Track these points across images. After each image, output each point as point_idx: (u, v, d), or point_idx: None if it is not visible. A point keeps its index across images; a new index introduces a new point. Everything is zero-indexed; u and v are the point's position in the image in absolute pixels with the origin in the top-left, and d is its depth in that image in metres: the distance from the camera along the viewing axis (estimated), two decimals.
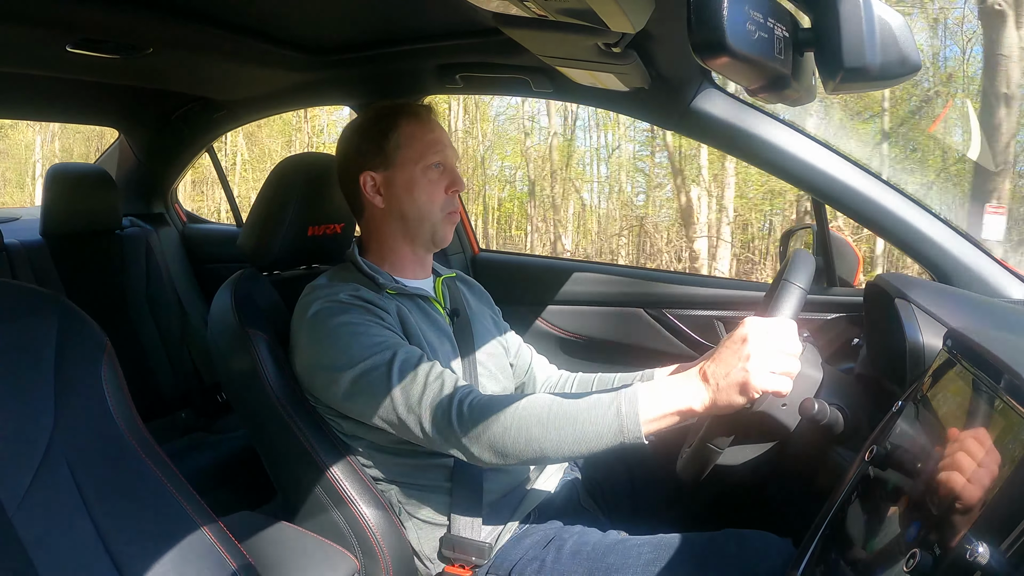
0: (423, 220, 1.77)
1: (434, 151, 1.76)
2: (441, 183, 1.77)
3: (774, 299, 1.46)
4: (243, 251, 1.95)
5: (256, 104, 2.89)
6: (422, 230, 1.79)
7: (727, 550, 1.51)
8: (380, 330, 1.60)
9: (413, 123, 1.78)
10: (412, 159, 1.75)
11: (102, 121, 3.64)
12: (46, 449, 1.17)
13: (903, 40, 0.99)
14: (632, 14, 1.17)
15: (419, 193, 1.75)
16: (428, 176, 1.76)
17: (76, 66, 2.16)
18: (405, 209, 1.77)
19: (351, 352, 1.57)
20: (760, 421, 1.58)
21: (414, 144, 1.76)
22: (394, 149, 1.76)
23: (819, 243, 2.24)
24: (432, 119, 1.82)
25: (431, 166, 1.76)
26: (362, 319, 1.60)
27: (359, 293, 1.66)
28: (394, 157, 1.76)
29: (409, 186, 1.75)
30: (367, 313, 1.62)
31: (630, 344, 2.63)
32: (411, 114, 1.80)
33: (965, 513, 0.91)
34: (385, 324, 1.62)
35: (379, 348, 1.56)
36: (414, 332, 1.68)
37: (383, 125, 1.79)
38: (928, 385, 1.29)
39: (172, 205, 3.82)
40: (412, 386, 1.51)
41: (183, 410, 3.24)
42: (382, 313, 1.64)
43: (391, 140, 1.76)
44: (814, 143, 1.87)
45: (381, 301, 1.67)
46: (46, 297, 1.29)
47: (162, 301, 3.32)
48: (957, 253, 1.82)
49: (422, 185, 1.75)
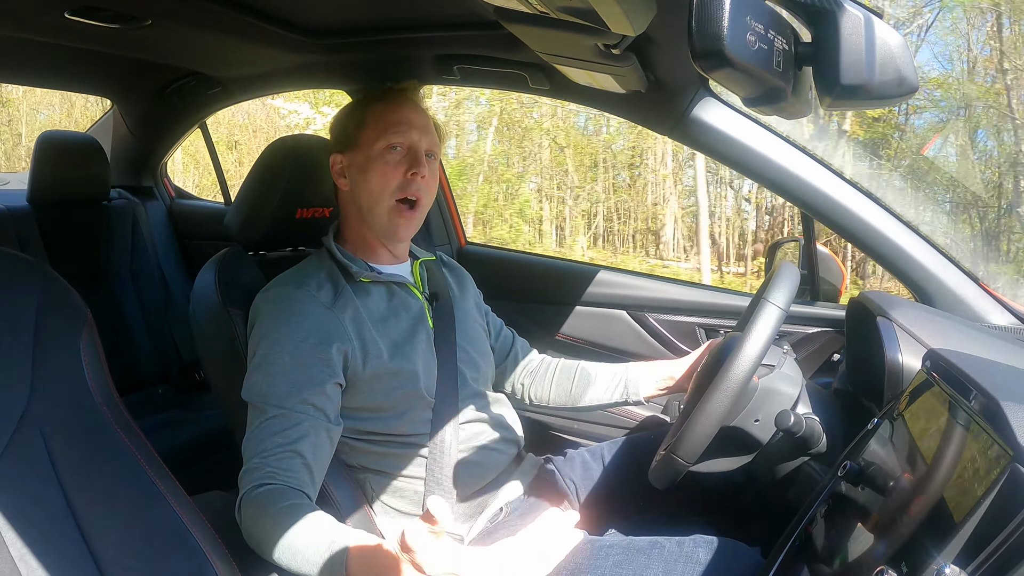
0: (374, 205, 1.71)
1: (396, 131, 1.70)
2: (400, 166, 1.69)
3: (751, 318, 1.46)
4: (230, 230, 1.94)
5: (252, 83, 2.88)
6: (373, 216, 1.73)
7: (696, 556, 1.51)
8: (284, 367, 1.56)
9: (382, 104, 1.75)
10: (372, 139, 1.70)
11: (96, 90, 3.62)
12: (20, 418, 1.16)
13: (901, 60, 1.00)
14: (633, 17, 1.17)
15: (372, 174, 1.69)
16: (385, 157, 1.69)
17: (73, 33, 2.15)
18: (360, 192, 1.72)
19: (248, 377, 1.59)
20: (733, 436, 1.59)
21: (375, 124, 1.71)
22: (357, 130, 1.73)
23: (806, 256, 2.25)
24: (404, 99, 1.77)
25: (390, 147, 1.69)
26: (282, 349, 1.57)
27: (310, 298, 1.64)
28: (356, 138, 1.73)
29: (365, 166, 1.70)
30: (299, 334, 1.59)
31: (610, 346, 2.64)
32: (383, 96, 1.77)
33: (935, 533, 0.92)
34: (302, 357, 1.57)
35: (270, 395, 1.54)
36: (370, 337, 1.66)
37: (353, 107, 1.78)
38: (905, 404, 1.29)
39: (161, 179, 3.81)
40: (254, 443, 1.50)
41: (160, 386, 3.23)
42: (316, 331, 1.60)
43: (355, 121, 1.74)
44: (807, 157, 1.88)
45: (333, 308, 1.64)
46: (28, 264, 1.28)
47: (145, 275, 3.31)
48: (941, 275, 1.83)
49: (377, 166, 1.69)
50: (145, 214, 3.45)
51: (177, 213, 3.73)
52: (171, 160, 3.94)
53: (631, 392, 1.97)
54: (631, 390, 1.97)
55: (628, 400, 1.99)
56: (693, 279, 11.55)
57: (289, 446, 1.47)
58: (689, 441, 1.45)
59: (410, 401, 1.69)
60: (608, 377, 2.02)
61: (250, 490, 1.43)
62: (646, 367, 2.00)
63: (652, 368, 1.99)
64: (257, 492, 1.42)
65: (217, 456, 2.75)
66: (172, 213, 3.72)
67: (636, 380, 1.97)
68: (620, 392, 1.99)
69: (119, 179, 3.59)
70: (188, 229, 3.69)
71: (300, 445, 1.48)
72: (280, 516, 1.36)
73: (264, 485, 1.43)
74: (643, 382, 1.97)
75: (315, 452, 1.51)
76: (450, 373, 1.77)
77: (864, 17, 0.98)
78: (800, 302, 2.25)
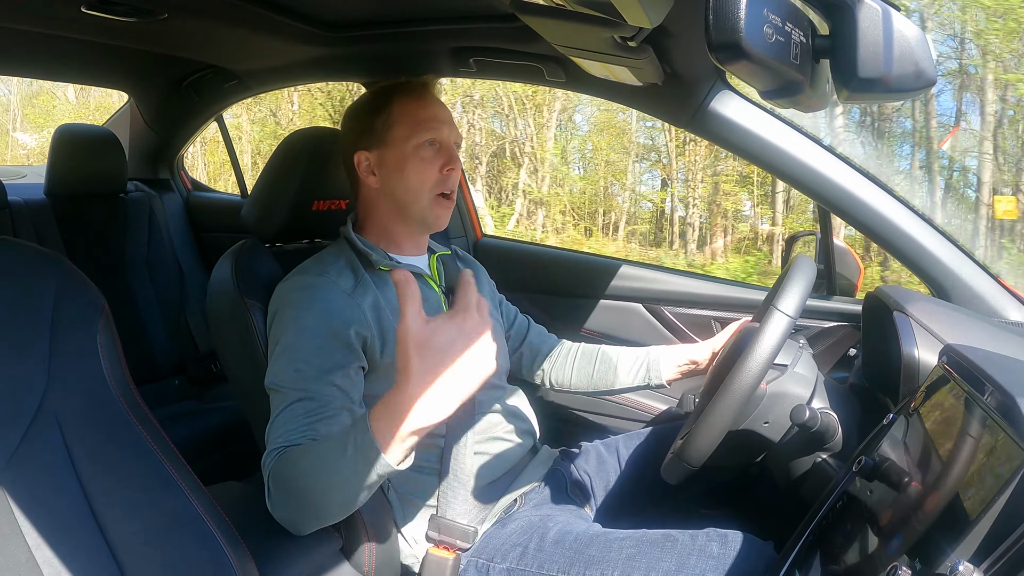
0: (413, 201, 1.73)
1: (428, 128, 1.71)
2: (435, 162, 1.72)
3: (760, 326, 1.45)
4: (247, 222, 1.95)
5: (268, 76, 2.89)
6: (412, 211, 1.74)
7: (709, 550, 1.51)
8: (308, 353, 1.55)
9: (407, 100, 1.75)
10: (404, 137, 1.71)
11: (113, 84, 3.63)
12: (38, 408, 1.17)
13: (920, 53, 0.99)
14: (650, 9, 1.16)
15: (410, 172, 1.71)
16: (420, 154, 1.71)
17: (90, 27, 2.16)
18: (395, 189, 1.73)
19: (272, 364, 1.58)
20: (743, 438, 1.59)
21: (406, 121, 1.72)
22: (386, 127, 1.73)
23: (822, 250, 2.24)
24: (429, 95, 1.78)
25: (424, 143, 1.71)
26: (305, 336, 1.57)
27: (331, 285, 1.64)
28: (386, 136, 1.73)
29: (400, 165, 1.71)
30: (321, 321, 1.58)
31: (625, 338, 2.63)
32: (406, 91, 1.77)
33: (949, 530, 0.92)
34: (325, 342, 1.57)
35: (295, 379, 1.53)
36: (388, 325, 1.66)
37: (377, 103, 1.76)
38: (921, 400, 1.29)
39: (178, 172, 3.83)
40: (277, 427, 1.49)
41: (176, 377, 3.24)
42: (338, 318, 1.59)
43: (383, 118, 1.73)
44: (824, 151, 1.87)
45: (353, 294, 1.64)
46: (46, 256, 1.28)
47: (162, 267, 3.32)
48: (958, 270, 1.82)
49: (413, 163, 1.70)
50: (162, 206, 3.46)
51: (194, 205, 3.75)
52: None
53: (653, 376, 1.98)
54: (653, 374, 1.98)
55: (650, 384, 1.99)
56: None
57: (313, 426, 1.47)
58: (695, 447, 1.45)
59: None
60: (630, 361, 2.02)
61: (270, 465, 1.42)
62: (668, 351, 2.00)
63: (674, 352, 1.99)
64: (279, 459, 1.42)
65: (233, 447, 2.77)
66: (189, 205, 3.74)
67: (658, 364, 1.97)
68: (642, 376, 1.99)
69: (136, 172, 3.61)
70: (204, 221, 3.71)
71: (324, 424, 1.48)
72: (304, 451, 1.38)
73: (283, 453, 1.42)
74: (665, 366, 1.97)
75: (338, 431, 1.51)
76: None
77: (882, 9, 0.98)
78: (817, 296, 2.24)
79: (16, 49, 2.64)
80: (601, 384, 2.05)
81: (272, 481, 1.42)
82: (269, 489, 1.42)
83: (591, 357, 2.07)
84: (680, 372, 1.97)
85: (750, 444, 1.62)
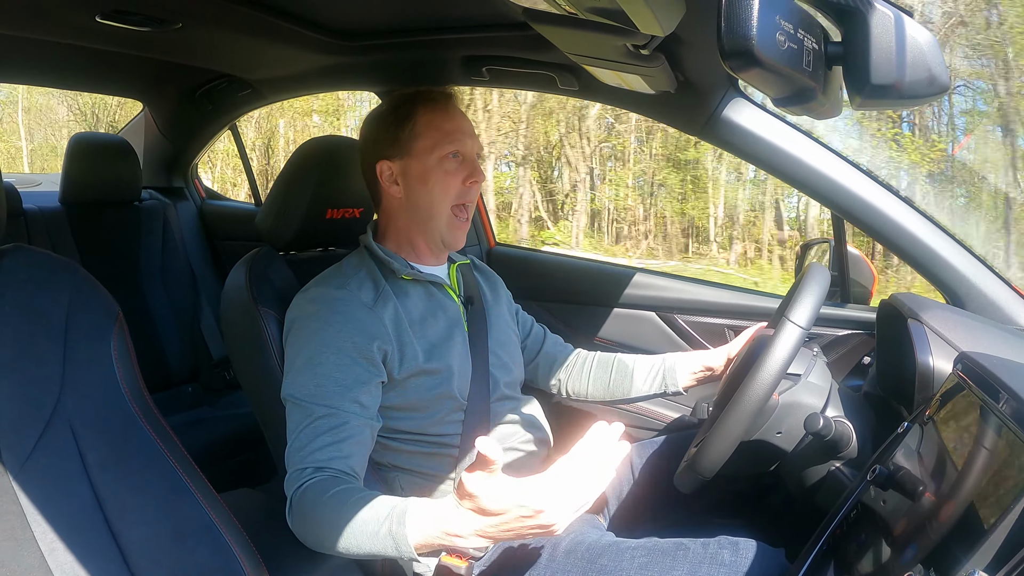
0: (434, 215, 1.73)
1: (451, 140, 1.72)
2: (459, 174, 1.72)
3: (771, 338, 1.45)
4: (261, 230, 1.96)
5: (282, 84, 2.90)
6: (432, 225, 1.75)
7: (721, 558, 1.50)
8: (330, 368, 1.56)
9: (431, 111, 1.75)
10: (428, 148, 1.71)
11: (127, 93, 3.66)
12: (51, 414, 1.18)
13: (932, 59, 0.99)
14: (662, 17, 1.16)
15: (433, 184, 1.71)
16: (444, 166, 1.71)
17: (104, 37, 2.17)
18: (418, 200, 1.73)
19: (290, 377, 1.58)
20: (756, 448, 1.58)
21: (430, 133, 1.72)
22: (410, 138, 1.73)
23: (836, 258, 2.23)
24: (452, 106, 1.78)
25: (448, 156, 1.71)
26: (328, 350, 1.57)
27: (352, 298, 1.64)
28: (410, 146, 1.72)
29: (424, 176, 1.71)
30: (343, 335, 1.59)
31: (639, 347, 2.63)
32: (429, 101, 1.76)
33: (964, 539, 0.91)
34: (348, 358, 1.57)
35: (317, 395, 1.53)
36: (407, 338, 1.66)
37: (400, 113, 1.76)
38: (935, 408, 1.28)
39: (192, 180, 3.85)
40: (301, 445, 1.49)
41: (190, 384, 3.26)
42: (359, 332, 1.59)
43: (407, 129, 1.73)
44: (838, 158, 1.86)
45: (374, 307, 1.65)
46: (61, 264, 1.29)
47: (176, 274, 3.34)
48: (972, 278, 1.80)
49: (437, 175, 1.71)
50: (176, 214, 3.48)
51: (207, 213, 3.76)
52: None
53: (669, 383, 1.97)
54: (669, 381, 1.97)
55: (667, 391, 1.98)
56: None
57: (337, 445, 1.47)
58: (708, 457, 1.45)
59: (443, 402, 1.69)
60: (646, 369, 2.01)
61: (297, 489, 1.42)
62: (684, 357, 1.99)
63: (690, 358, 1.98)
64: (306, 486, 1.41)
65: (246, 454, 2.77)
66: (202, 213, 3.76)
67: (674, 371, 1.97)
68: (658, 383, 1.99)
69: (150, 180, 3.63)
70: (218, 229, 3.72)
71: (348, 444, 1.49)
72: (335, 499, 1.36)
73: (311, 479, 1.42)
74: (681, 373, 1.96)
75: (360, 449, 1.52)
76: (483, 376, 1.78)
77: (894, 15, 0.98)
78: (831, 304, 2.24)
79: (32, 58, 2.66)
80: (618, 392, 2.04)
81: (297, 506, 1.42)
82: (292, 509, 1.42)
83: (607, 366, 2.07)
84: (696, 379, 1.96)
85: (763, 453, 1.61)
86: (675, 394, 1.99)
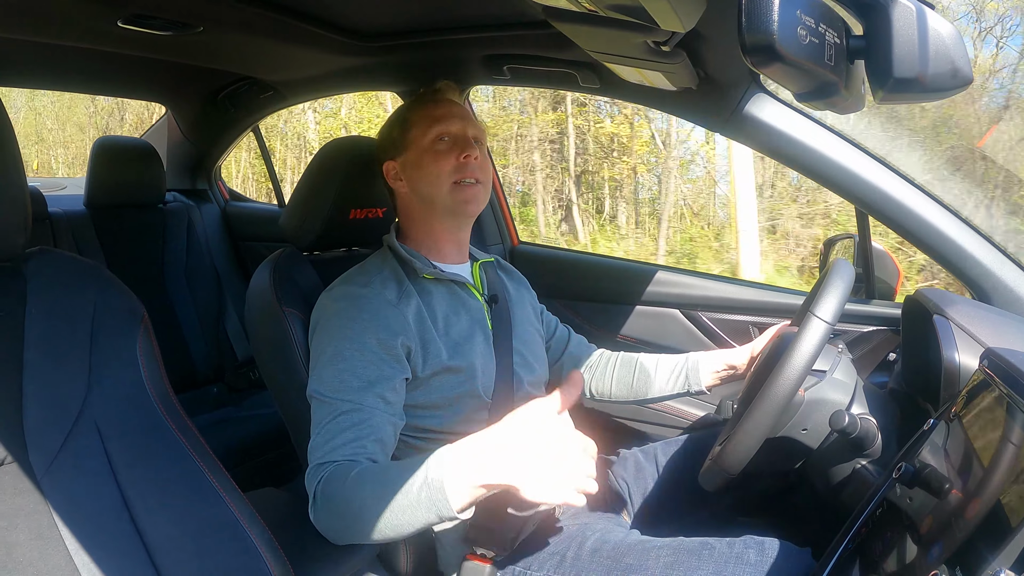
0: (435, 192, 1.75)
1: (439, 123, 1.75)
2: (450, 153, 1.73)
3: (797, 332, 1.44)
4: (284, 230, 1.97)
5: (303, 86, 2.91)
6: (436, 203, 1.76)
7: (746, 557, 1.50)
8: (355, 364, 1.56)
9: (421, 105, 1.80)
10: (419, 136, 1.75)
11: (150, 96, 3.69)
12: (78, 415, 1.19)
13: (955, 51, 0.98)
14: (683, 13, 1.16)
15: (427, 165, 1.73)
16: (436, 148, 1.74)
17: (126, 41, 2.19)
18: (419, 185, 1.76)
19: (316, 374, 1.58)
20: (782, 445, 1.58)
21: (420, 122, 1.76)
22: (404, 132, 1.77)
23: (860, 254, 2.22)
24: (441, 96, 1.82)
25: (437, 139, 1.74)
26: (353, 346, 1.58)
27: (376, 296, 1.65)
28: (406, 140, 1.77)
29: (419, 162, 1.75)
30: (368, 331, 1.59)
31: (664, 344, 2.63)
32: (420, 98, 1.82)
33: (990, 538, 0.90)
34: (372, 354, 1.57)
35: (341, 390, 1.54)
36: (430, 336, 1.67)
37: (397, 115, 1.82)
38: (962, 404, 1.27)
39: (215, 182, 3.88)
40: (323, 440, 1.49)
41: (215, 384, 3.29)
42: (384, 329, 1.60)
43: (400, 126, 1.79)
44: (862, 153, 1.85)
45: (398, 305, 1.66)
46: (86, 266, 1.30)
47: (200, 276, 3.36)
48: (999, 272, 1.79)
49: (430, 156, 1.73)
50: (200, 216, 3.51)
51: (231, 215, 3.79)
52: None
53: (692, 382, 1.96)
54: (692, 380, 1.96)
55: (690, 390, 1.98)
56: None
57: (360, 440, 1.47)
58: (733, 455, 1.44)
59: (467, 400, 1.70)
60: (669, 368, 2.01)
61: (318, 483, 1.42)
62: (706, 356, 1.98)
63: (713, 357, 1.98)
64: (326, 476, 1.41)
65: (271, 454, 2.79)
66: (226, 215, 3.79)
67: (697, 370, 1.96)
68: (682, 383, 1.98)
69: (174, 182, 3.67)
70: (242, 231, 3.75)
71: (370, 440, 1.49)
72: (358, 479, 1.36)
73: (330, 469, 1.42)
74: (704, 372, 1.96)
75: (384, 445, 1.52)
76: (506, 375, 1.78)
77: (916, 8, 0.97)
78: (855, 300, 2.22)
79: (54, 64, 2.69)
80: (641, 392, 2.04)
81: (321, 496, 1.41)
82: (315, 502, 1.42)
83: (630, 366, 2.06)
84: (719, 378, 1.96)
85: (788, 451, 1.60)
86: (698, 393, 1.98)
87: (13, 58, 2.54)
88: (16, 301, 1.20)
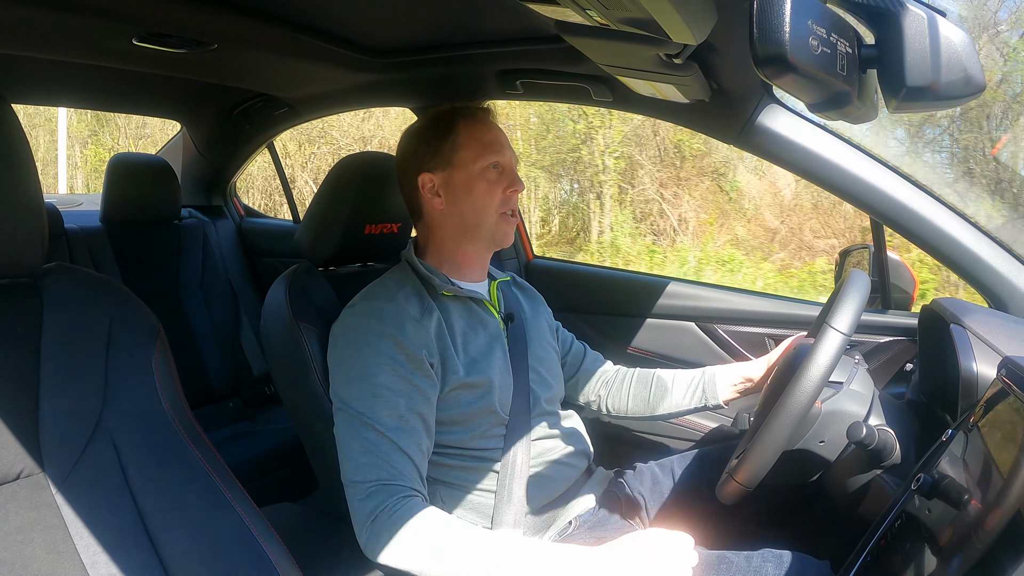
0: (481, 221, 1.76)
1: (492, 151, 1.75)
2: (499, 184, 1.76)
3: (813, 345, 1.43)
4: (300, 246, 1.98)
5: (318, 102, 2.93)
6: (480, 231, 1.78)
7: (764, 571, 1.49)
8: (387, 379, 1.58)
9: (471, 124, 1.78)
10: (470, 159, 1.75)
11: (165, 113, 3.72)
12: (94, 428, 1.19)
13: (968, 59, 0.98)
14: (694, 26, 1.16)
15: (477, 193, 1.74)
16: (486, 176, 1.75)
17: (141, 59, 2.20)
18: (464, 210, 1.76)
19: (346, 390, 1.60)
20: (799, 457, 1.57)
21: (472, 145, 1.75)
22: (452, 150, 1.76)
23: (876, 264, 2.21)
24: (490, 120, 1.82)
25: (489, 166, 1.75)
26: (379, 361, 1.59)
27: (401, 311, 1.65)
28: (452, 158, 1.76)
29: (468, 187, 1.75)
30: (397, 347, 1.60)
31: (679, 358, 2.62)
32: (469, 115, 1.80)
33: (1010, 549, 0.89)
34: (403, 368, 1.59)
35: (369, 406, 1.55)
36: (449, 353, 1.67)
37: (441, 127, 1.79)
38: (980, 414, 1.26)
39: (231, 198, 3.89)
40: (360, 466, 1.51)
41: (231, 399, 3.29)
42: (411, 344, 1.61)
43: (449, 141, 1.76)
44: (875, 163, 1.85)
45: (421, 320, 1.66)
46: (102, 282, 1.31)
47: (216, 291, 3.37)
48: (1016, 281, 1.78)
49: (480, 185, 1.74)
50: (215, 232, 3.53)
51: (246, 231, 3.80)
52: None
53: (709, 396, 1.96)
54: (709, 394, 1.96)
55: (707, 404, 1.98)
56: None
57: (400, 458, 1.51)
58: (750, 468, 1.43)
59: (485, 416, 1.70)
60: (685, 383, 2.01)
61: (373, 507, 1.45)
62: (723, 370, 1.98)
63: (729, 371, 1.97)
64: (385, 507, 1.44)
65: (286, 468, 2.79)
66: (241, 231, 3.80)
67: (713, 384, 1.96)
68: (698, 397, 1.98)
69: (189, 199, 3.69)
70: (257, 246, 3.76)
71: (407, 459, 1.52)
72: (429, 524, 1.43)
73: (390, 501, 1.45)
74: (721, 385, 1.95)
75: (422, 458, 1.55)
76: (523, 392, 1.79)
77: (928, 16, 0.97)
78: (872, 311, 2.21)
79: (70, 81, 2.72)
80: (658, 408, 2.04)
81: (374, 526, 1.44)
82: (365, 527, 1.45)
83: (647, 381, 2.06)
84: (736, 391, 1.95)
85: (806, 463, 1.59)
86: (716, 407, 1.98)
87: (31, 76, 2.56)
88: (33, 316, 1.21)
